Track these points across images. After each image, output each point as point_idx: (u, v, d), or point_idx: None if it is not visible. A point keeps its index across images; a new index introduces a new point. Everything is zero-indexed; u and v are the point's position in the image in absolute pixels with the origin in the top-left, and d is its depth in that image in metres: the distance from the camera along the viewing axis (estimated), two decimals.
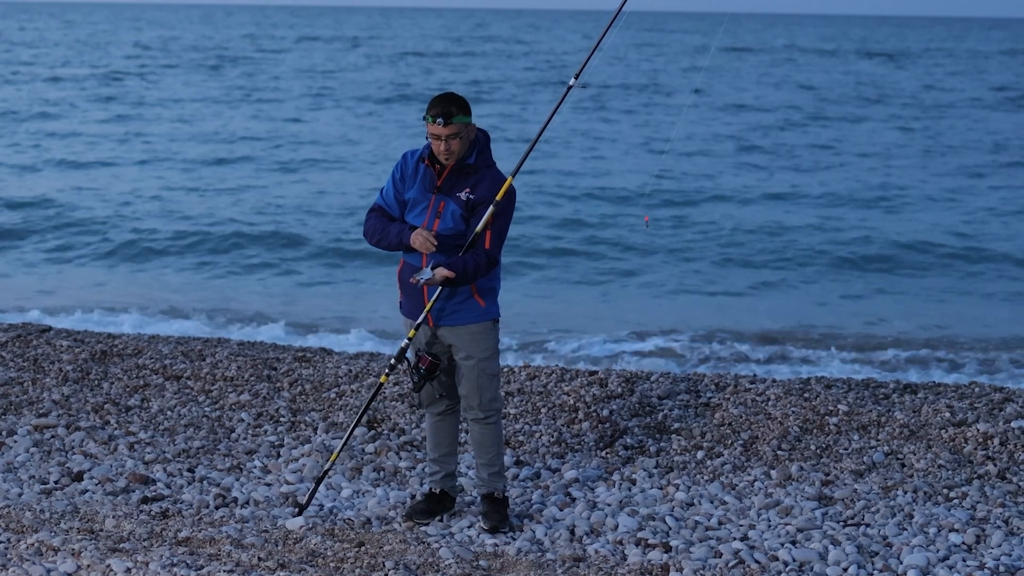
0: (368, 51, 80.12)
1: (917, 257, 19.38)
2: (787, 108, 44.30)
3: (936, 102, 48.68)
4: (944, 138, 36.23)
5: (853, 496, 7.30)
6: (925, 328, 14.93)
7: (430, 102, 6.35)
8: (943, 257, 19.40)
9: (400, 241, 6.43)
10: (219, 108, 41.75)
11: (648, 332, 14.43)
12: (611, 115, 40.58)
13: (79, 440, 7.99)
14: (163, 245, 19.73)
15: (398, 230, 6.44)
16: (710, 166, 28.82)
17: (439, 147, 6.35)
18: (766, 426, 8.37)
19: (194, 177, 26.70)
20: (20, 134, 33.44)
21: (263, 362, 9.71)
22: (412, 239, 6.35)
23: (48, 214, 21.95)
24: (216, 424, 8.42)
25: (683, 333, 14.26)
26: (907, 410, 8.70)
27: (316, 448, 7.92)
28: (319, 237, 20.29)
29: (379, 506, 7.05)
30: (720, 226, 21.62)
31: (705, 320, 15.18)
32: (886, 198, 24.90)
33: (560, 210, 22.83)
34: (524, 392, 9.02)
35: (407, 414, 8.55)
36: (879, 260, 19.16)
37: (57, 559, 5.97)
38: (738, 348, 13.64)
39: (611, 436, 8.27)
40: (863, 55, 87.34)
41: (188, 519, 6.77)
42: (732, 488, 7.46)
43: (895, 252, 19.60)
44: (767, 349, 13.67)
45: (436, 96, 6.38)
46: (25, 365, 9.51)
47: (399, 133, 35.40)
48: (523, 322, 14.78)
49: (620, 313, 15.80)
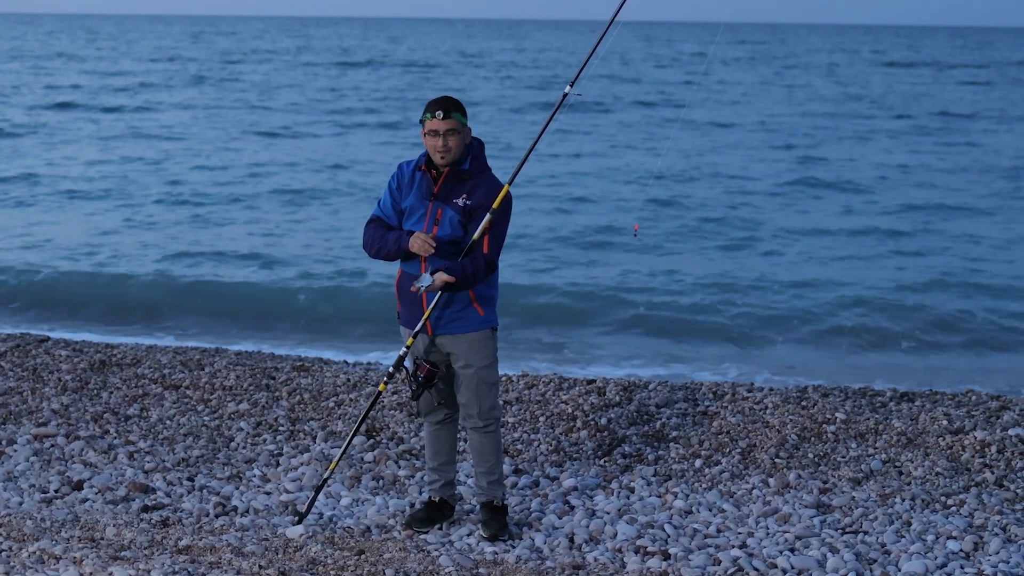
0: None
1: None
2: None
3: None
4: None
5: (851, 504, 7.32)
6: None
7: (427, 103, 6.41)
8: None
9: (399, 247, 6.46)
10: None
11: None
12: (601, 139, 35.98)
13: (79, 449, 8.00)
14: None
15: (396, 236, 6.47)
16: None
17: (436, 144, 6.38)
18: (764, 434, 8.39)
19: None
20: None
21: (262, 371, 9.73)
22: (411, 243, 6.37)
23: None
24: (215, 433, 8.44)
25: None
26: (904, 418, 8.73)
27: (315, 457, 7.94)
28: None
29: (379, 514, 7.07)
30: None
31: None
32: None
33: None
34: (522, 401, 9.05)
35: (406, 423, 8.57)
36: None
37: (59, 567, 5.98)
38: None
39: (609, 444, 8.29)
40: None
41: (188, 527, 6.78)
42: (730, 496, 7.48)
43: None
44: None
45: (433, 98, 6.45)
46: (24, 375, 9.53)
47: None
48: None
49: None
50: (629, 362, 13.20)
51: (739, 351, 13.92)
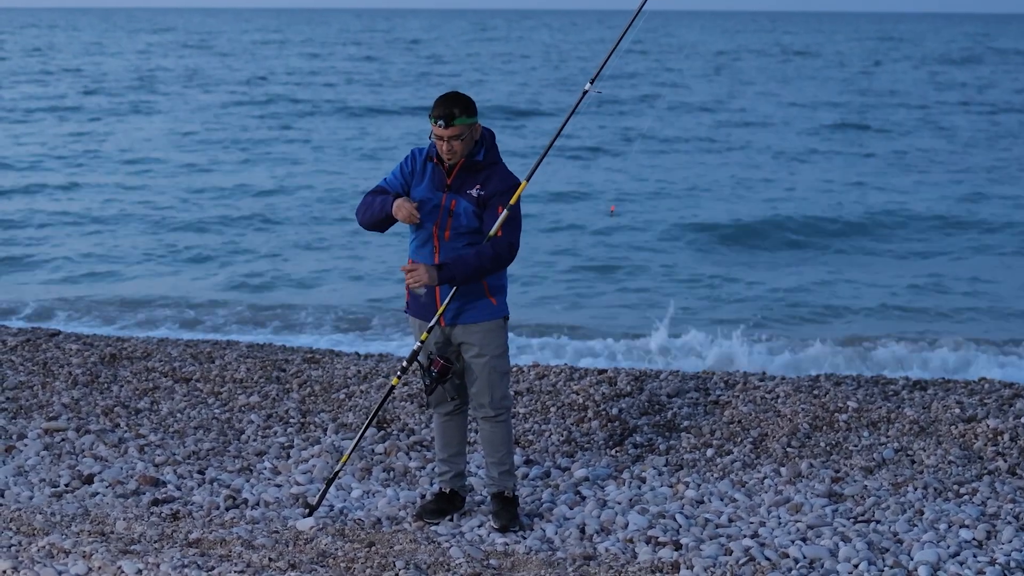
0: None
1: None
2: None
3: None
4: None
5: (863, 493, 7.29)
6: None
7: (435, 101, 6.33)
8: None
9: (383, 210, 6.40)
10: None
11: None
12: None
13: (89, 443, 8.00)
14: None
15: (383, 200, 6.42)
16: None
17: (442, 147, 6.35)
18: (775, 423, 8.37)
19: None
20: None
21: (272, 364, 9.73)
22: (395, 209, 6.33)
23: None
24: (226, 426, 8.43)
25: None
26: (917, 406, 8.69)
27: (326, 449, 7.93)
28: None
29: (389, 506, 7.06)
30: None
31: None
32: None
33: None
34: (533, 391, 9.03)
35: (416, 414, 8.55)
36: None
37: (68, 561, 5.98)
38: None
39: (620, 435, 8.27)
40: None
41: (199, 521, 6.78)
42: (742, 485, 7.46)
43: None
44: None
45: (440, 96, 6.34)
46: (35, 369, 9.53)
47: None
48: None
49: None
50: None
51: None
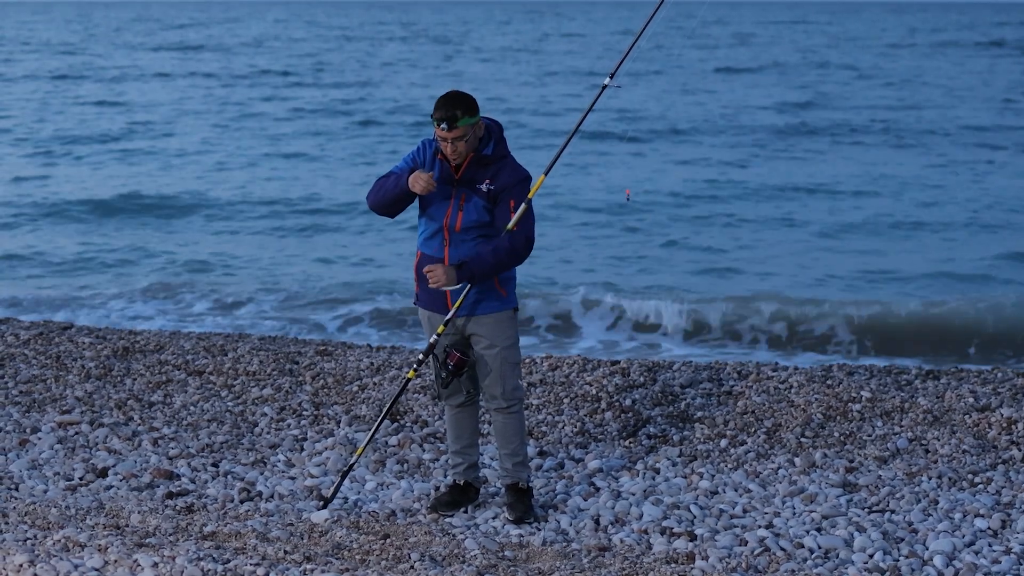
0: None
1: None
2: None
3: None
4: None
5: (877, 483, 7.28)
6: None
7: (436, 103, 6.29)
8: None
9: (398, 185, 6.38)
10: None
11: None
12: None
13: (103, 436, 8.01)
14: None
15: (396, 177, 6.42)
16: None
17: (446, 148, 6.35)
18: (789, 414, 8.35)
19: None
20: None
21: (285, 356, 9.73)
22: (411, 181, 6.30)
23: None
24: (239, 419, 8.44)
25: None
26: (930, 396, 8.68)
27: (339, 441, 7.94)
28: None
29: (403, 498, 7.06)
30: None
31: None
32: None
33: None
34: (546, 383, 9.02)
35: (429, 406, 8.56)
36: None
37: (84, 555, 5.99)
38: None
39: (634, 425, 8.26)
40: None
41: (213, 513, 6.79)
42: (756, 476, 7.45)
43: None
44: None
45: (441, 97, 6.30)
46: (48, 362, 9.55)
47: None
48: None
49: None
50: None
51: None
